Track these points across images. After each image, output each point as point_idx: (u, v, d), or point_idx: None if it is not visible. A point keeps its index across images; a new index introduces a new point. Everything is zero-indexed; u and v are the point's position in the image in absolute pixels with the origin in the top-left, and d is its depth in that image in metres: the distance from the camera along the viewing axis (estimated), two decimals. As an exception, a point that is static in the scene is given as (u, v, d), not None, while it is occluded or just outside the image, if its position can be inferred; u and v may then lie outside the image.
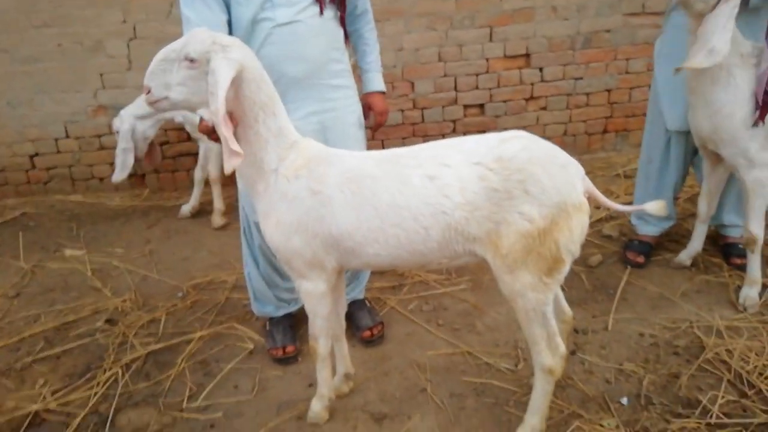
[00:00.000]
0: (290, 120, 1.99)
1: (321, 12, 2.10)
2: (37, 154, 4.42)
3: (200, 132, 1.88)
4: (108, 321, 2.77)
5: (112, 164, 4.46)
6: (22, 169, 4.46)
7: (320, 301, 1.85)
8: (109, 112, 4.32)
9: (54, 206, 4.33)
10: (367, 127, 2.42)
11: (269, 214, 1.77)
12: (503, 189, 1.58)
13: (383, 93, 2.46)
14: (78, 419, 2.12)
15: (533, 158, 1.59)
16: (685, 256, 2.82)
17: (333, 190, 1.70)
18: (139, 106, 3.68)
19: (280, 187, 1.73)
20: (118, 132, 3.65)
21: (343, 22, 2.24)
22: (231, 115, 1.64)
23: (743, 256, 2.71)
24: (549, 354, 1.74)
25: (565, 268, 1.65)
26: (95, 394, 2.25)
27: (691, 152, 2.83)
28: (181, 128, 4.09)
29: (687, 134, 2.70)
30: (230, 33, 2.07)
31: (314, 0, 2.08)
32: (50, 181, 4.50)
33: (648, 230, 2.97)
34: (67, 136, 4.38)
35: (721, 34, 2.16)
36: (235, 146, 1.53)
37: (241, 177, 1.82)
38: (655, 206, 1.70)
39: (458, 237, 1.65)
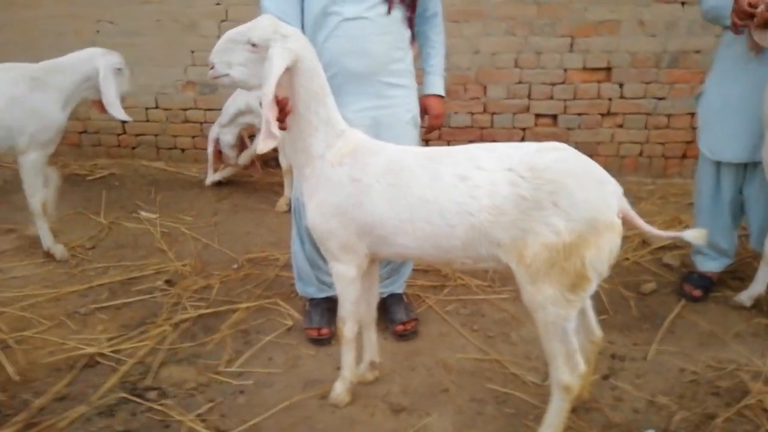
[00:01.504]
0: (344, 113, 2.08)
1: (389, 11, 2.16)
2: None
3: (260, 106, 2.02)
4: (167, 282, 2.98)
5: (194, 137, 4.77)
6: (114, 133, 4.84)
7: (350, 285, 1.93)
8: (197, 88, 4.61)
9: (138, 170, 4.67)
10: (422, 128, 2.47)
11: (312, 196, 1.87)
12: (532, 198, 1.59)
13: (442, 97, 2.49)
14: (126, 366, 2.30)
15: (567, 171, 1.59)
16: (745, 297, 2.67)
17: (372, 179, 1.77)
18: (222, 115, 4.02)
19: (324, 172, 1.82)
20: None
21: (411, 23, 2.29)
22: (285, 102, 1.74)
23: None
24: (567, 371, 1.73)
25: (591, 287, 1.64)
26: (145, 346, 2.43)
27: (738, 185, 2.69)
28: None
29: (737, 166, 2.61)
30: (302, 23, 2.18)
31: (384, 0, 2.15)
32: (137, 146, 4.86)
33: (708, 266, 2.83)
34: (157, 107, 4.70)
35: None
36: (275, 129, 1.63)
37: (291, 160, 1.93)
38: (694, 234, 1.65)
39: (482, 239, 1.67)
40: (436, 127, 2.53)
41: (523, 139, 4.40)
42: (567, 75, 4.20)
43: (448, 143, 4.41)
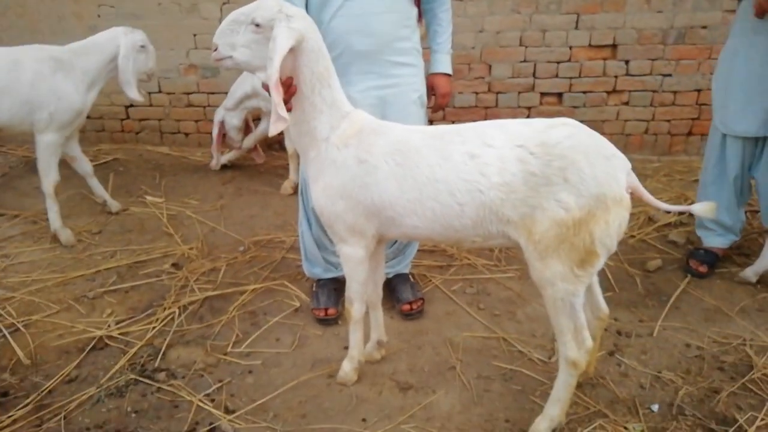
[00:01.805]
0: (350, 92, 2.08)
1: None
2: (131, 106, 4.76)
3: (264, 89, 2.00)
4: (174, 265, 2.99)
5: (198, 121, 4.76)
6: (117, 118, 4.83)
7: (358, 266, 1.93)
8: (199, 72, 4.59)
9: (142, 155, 4.67)
10: (429, 107, 2.45)
11: (317, 179, 1.86)
12: (542, 174, 1.58)
13: (449, 75, 2.47)
14: (135, 348, 2.33)
15: (577, 146, 1.58)
16: (750, 273, 2.67)
17: (378, 159, 1.76)
18: (228, 98, 4.00)
19: (330, 154, 1.81)
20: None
21: (418, 1, 2.27)
22: (290, 82, 1.73)
23: None
24: (575, 346, 1.74)
25: (599, 262, 1.64)
26: (153, 328, 2.46)
27: (750, 160, 2.68)
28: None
29: (746, 140, 2.59)
30: (306, 3, 2.16)
31: None
32: (141, 131, 4.85)
33: (714, 242, 2.83)
34: (160, 91, 4.68)
35: None
36: (283, 112, 1.61)
37: (295, 143, 1.91)
38: (703, 208, 1.64)
39: (492, 217, 1.67)
40: (442, 106, 2.52)
41: (527, 118, 4.36)
42: (572, 53, 4.16)
43: (453, 123, 4.37)
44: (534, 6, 4.09)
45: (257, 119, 4.25)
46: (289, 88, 1.73)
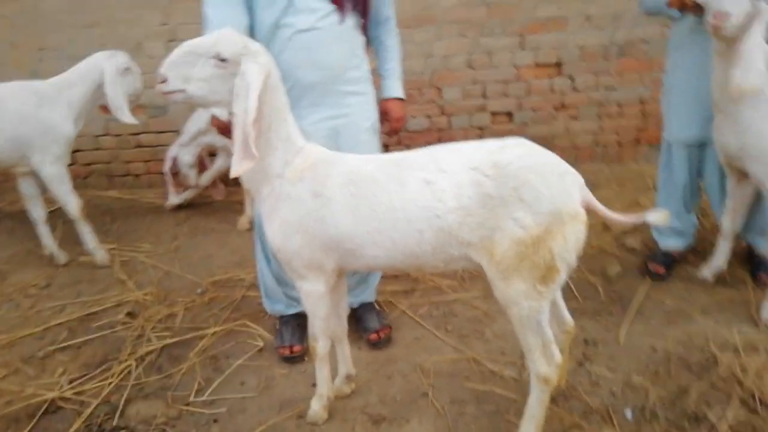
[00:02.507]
0: (302, 125, 2.03)
1: (342, 18, 2.12)
2: (78, 151, 4.60)
3: (213, 126, 1.95)
4: (129, 314, 2.86)
5: (148, 161, 4.64)
6: (63, 166, 4.66)
7: (319, 302, 1.88)
8: (147, 111, 4.49)
9: (91, 200, 4.48)
10: (382, 133, 2.44)
11: (272, 216, 1.80)
12: (498, 195, 1.58)
13: (402, 100, 2.47)
14: (90, 408, 2.19)
15: (529, 165, 1.58)
16: (707, 272, 2.73)
17: (334, 191, 1.72)
18: (183, 134, 3.94)
19: (284, 190, 1.76)
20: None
21: (365, 29, 2.27)
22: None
23: None
24: (544, 362, 1.72)
25: (560, 278, 1.63)
26: (109, 384, 2.32)
27: (698, 166, 2.76)
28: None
29: (694, 146, 2.68)
30: (251, 37, 2.12)
31: (336, 7, 2.10)
32: (89, 176, 4.70)
33: (669, 244, 2.89)
34: (107, 134, 4.56)
35: (760, 54, 2.13)
36: (255, 150, 1.57)
37: (248, 181, 1.85)
38: (656, 216, 1.66)
39: (452, 241, 1.65)
40: (397, 131, 2.51)
41: (481, 138, 4.39)
42: (519, 72, 4.25)
43: (408, 147, 4.33)
44: (479, 29, 4.17)
45: (213, 155, 4.17)
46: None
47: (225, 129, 1.87)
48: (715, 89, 2.35)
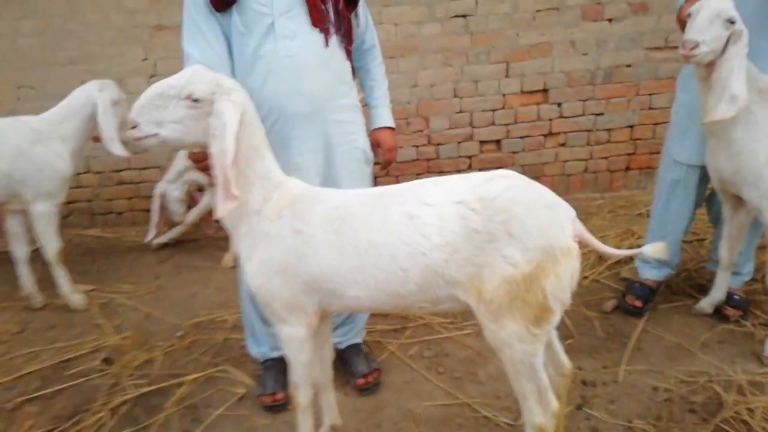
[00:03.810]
0: (292, 158, 1.99)
1: (326, 43, 2.04)
2: (58, 189, 4.50)
3: (190, 159, 1.86)
4: (105, 360, 2.72)
5: (131, 198, 4.55)
6: (43, 204, 4.55)
7: (300, 348, 1.76)
8: (129, 147, 4.39)
9: (71, 240, 4.38)
10: (376, 164, 2.37)
11: (251, 256, 1.71)
12: (485, 230, 1.49)
13: (392, 129, 2.39)
14: (58, 465, 2.06)
15: (517, 198, 1.50)
16: (706, 304, 2.64)
17: (315, 228, 1.64)
18: (170, 170, 3.89)
19: (262, 228, 1.67)
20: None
21: (349, 55, 2.20)
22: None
23: (739, 307, 2.59)
24: (540, 411, 1.61)
25: (555, 318, 1.54)
26: (80, 438, 2.19)
27: (699, 191, 2.68)
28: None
29: (695, 169, 2.59)
30: (232, 68, 2.05)
31: (319, 31, 2.03)
32: (70, 215, 4.58)
33: (649, 273, 2.80)
34: (88, 171, 4.47)
35: (738, 78, 2.06)
36: (236, 190, 1.51)
37: (225, 220, 1.76)
38: (654, 249, 1.57)
39: (438, 280, 1.55)
40: (391, 161, 2.42)
41: (470, 167, 4.37)
42: (506, 100, 4.22)
43: (397, 178, 4.33)
44: (464, 58, 4.15)
45: (201, 190, 4.08)
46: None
47: (201, 163, 1.78)
48: (703, 115, 2.30)
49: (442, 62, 4.18)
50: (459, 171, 4.37)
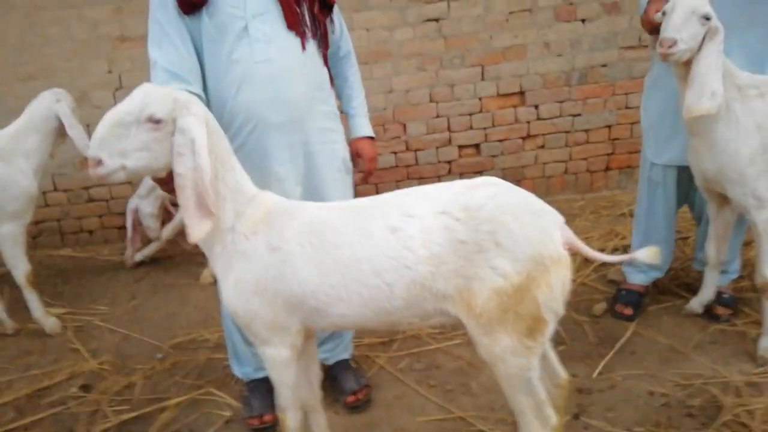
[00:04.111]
0: (272, 166, 1.92)
1: (303, 47, 1.96)
2: (25, 209, 4.34)
3: (155, 182, 1.76)
4: (83, 387, 2.60)
5: (101, 216, 4.40)
6: (10, 225, 4.38)
7: (285, 369, 1.68)
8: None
9: (42, 261, 4.22)
10: (358, 173, 2.31)
11: (227, 275, 1.63)
12: (472, 241, 1.43)
13: (372, 138, 2.33)
14: (35, 504, 1.94)
15: (503, 206, 1.45)
16: (696, 304, 2.62)
17: (293, 244, 1.56)
18: (141, 186, 3.79)
19: (237, 246, 1.59)
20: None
21: (326, 60, 2.13)
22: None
23: (729, 306, 2.58)
24: (538, 426, 1.56)
25: (549, 329, 1.49)
26: (58, 472, 2.08)
27: (680, 192, 2.67)
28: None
29: (672, 169, 2.59)
30: (203, 77, 1.96)
31: (295, 34, 1.94)
32: (39, 235, 4.42)
33: (636, 279, 2.78)
34: (55, 189, 4.32)
35: (716, 74, 2.05)
36: (214, 207, 1.47)
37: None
38: (647, 254, 1.53)
39: (426, 294, 1.50)
40: (371, 172, 2.35)
41: (449, 172, 4.33)
42: (482, 103, 4.20)
43: (376, 186, 4.27)
44: (438, 62, 4.11)
45: (176, 204, 3.95)
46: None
47: (167, 185, 1.68)
48: (684, 114, 2.29)
49: (417, 67, 4.14)
50: (439, 177, 4.33)
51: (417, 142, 4.26)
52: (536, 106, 4.21)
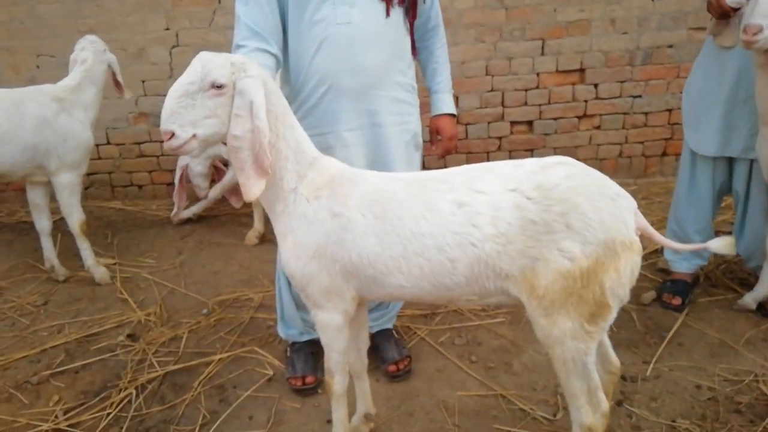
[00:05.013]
0: (339, 131, 1.92)
1: (387, 13, 1.93)
2: (79, 159, 4.45)
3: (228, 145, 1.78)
4: (130, 336, 2.69)
5: (151, 172, 4.48)
6: (64, 174, 4.51)
7: (337, 335, 1.69)
8: (150, 120, 4.33)
9: (93, 212, 4.34)
10: (434, 153, 2.28)
11: (286, 236, 1.63)
12: (542, 221, 1.40)
13: (453, 116, 2.27)
14: (86, 443, 2.03)
15: (578, 188, 1.40)
16: (749, 299, 2.53)
17: (355, 213, 1.55)
18: None
19: (299, 208, 1.59)
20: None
21: (411, 30, 2.08)
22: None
23: None
24: (589, 411, 1.54)
25: (611, 315, 1.46)
26: (107, 415, 2.15)
27: (720, 182, 2.59)
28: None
29: (715, 160, 2.51)
30: (284, 36, 1.96)
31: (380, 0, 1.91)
32: (90, 186, 4.54)
33: (680, 267, 2.71)
34: (108, 143, 4.41)
35: None
36: (270, 168, 1.49)
37: (260, 197, 1.68)
38: (720, 244, 1.48)
39: (488, 272, 1.47)
40: (450, 150, 2.31)
41: (499, 148, 4.25)
42: (540, 79, 4.07)
43: (423, 159, 4.20)
44: (498, 34, 4.00)
45: (226, 165, 3.99)
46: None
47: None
48: (760, 103, 2.18)
49: (475, 38, 4.03)
50: (488, 152, 4.25)
51: (468, 116, 4.18)
52: (596, 85, 4.07)
